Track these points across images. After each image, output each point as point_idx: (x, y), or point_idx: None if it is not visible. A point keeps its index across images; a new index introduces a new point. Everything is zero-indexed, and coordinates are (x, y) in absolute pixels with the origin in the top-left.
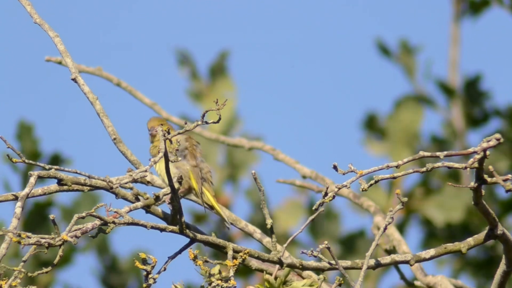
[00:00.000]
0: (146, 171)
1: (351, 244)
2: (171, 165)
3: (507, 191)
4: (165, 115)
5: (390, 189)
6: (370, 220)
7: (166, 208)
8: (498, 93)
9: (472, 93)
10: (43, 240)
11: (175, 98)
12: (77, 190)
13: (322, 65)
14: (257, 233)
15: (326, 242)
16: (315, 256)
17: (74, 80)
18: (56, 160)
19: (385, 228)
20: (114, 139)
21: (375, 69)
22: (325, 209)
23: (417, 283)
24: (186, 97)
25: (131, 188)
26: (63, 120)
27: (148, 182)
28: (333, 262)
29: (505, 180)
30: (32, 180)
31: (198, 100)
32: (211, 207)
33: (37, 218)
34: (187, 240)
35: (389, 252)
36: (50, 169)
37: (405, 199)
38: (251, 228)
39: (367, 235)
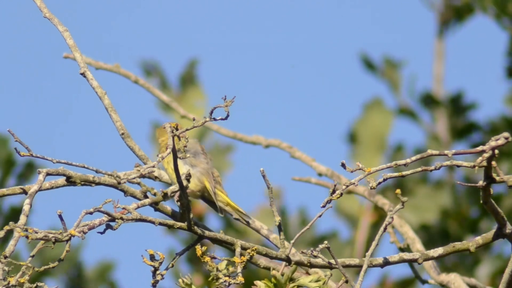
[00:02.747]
0: (154, 166)
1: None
2: (186, 164)
3: (510, 186)
4: (183, 112)
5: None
6: (342, 223)
7: (174, 205)
8: (483, 104)
9: (457, 106)
10: (50, 235)
11: (146, 109)
12: (83, 185)
13: (300, 75)
14: (264, 229)
15: (326, 242)
16: (315, 256)
17: (82, 74)
18: (30, 167)
19: (385, 228)
20: (122, 134)
21: (360, 83)
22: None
23: (430, 281)
24: (156, 108)
25: (138, 183)
26: (70, 115)
27: (156, 177)
28: (332, 261)
29: None
30: (41, 177)
31: (169, 110)
32: (224, 206)
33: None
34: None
35: (403, 250)
36: (57, 163)
37: (405, 199)
38: (257, 224)
39: (339, 237)
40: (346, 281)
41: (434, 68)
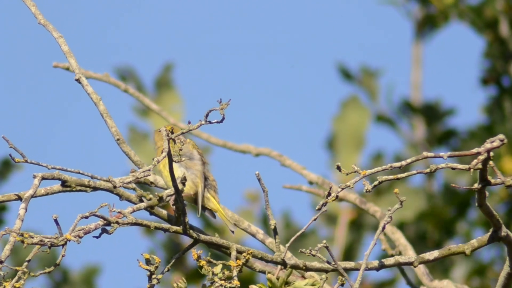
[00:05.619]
0: (149, 170)
1: (303, 244)
2: (181, 167)
3: (507, 186)
4: (172, 121)
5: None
6: (321, 221)
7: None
8: (461, 110)
9: (435, 113)
10: (46, 240)
11: (122, 115)
12: (79, 190)
13: (278, 82)
14: (260, 233)
15: (324, 241)
16: (313, 255)
17: (77, 80)
18: (7, 164)
19: (383, 228)
20: (118, 139)
21: (338, 91)
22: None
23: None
24: (133, 113)
25: (134, 189)
26: (66, 120)
27: (151, 182)
28: (333, 262)
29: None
30: (36, 181)
31: (145, 115)
32: (213, 212)
33: None
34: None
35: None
36: (53, 169)
37: (404, 198)
38: (253, 228)
39: (318, 234)
40: (342, 284)
41: (412, 76)
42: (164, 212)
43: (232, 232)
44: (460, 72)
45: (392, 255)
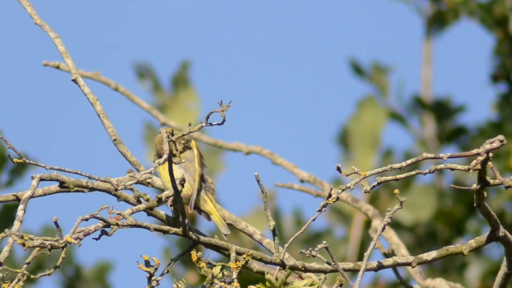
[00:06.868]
0: (150, 172)
1: (317, 243)
2: (181, 168)
3: (506, 187)
4: (163, 119)
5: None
6: (336, 221)
7: (168, 210)
8: (471, 107)
9: (445, 110)
10: (46, 242)
11: (137, 111)
12: (77, 191)
13: (290, 78)
14: (257, 234)
15: (324, 242)
16: (313, 256)
17: (74, 81)
18: (22, 163)
19: (383, 228)
20: (114, 140)
21: (348, 87)
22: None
23: (416, 286)
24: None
25: (131, 189)
26: (63, 121)
27: (148, 183)
28: (332, 263)
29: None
30: (34, 182)
31: (161, 112)
32: (208, 215)
33: (5, 220)
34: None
35: (387, 256)
36: (51, 169)
37: (404, 199)
38: (251, 229)
39: (334, 234)
40: (341, 285)
41: (422, 72)
42: (162, 213)
43: (225, 235)
44: (470, 69)
45: (385, 254)
